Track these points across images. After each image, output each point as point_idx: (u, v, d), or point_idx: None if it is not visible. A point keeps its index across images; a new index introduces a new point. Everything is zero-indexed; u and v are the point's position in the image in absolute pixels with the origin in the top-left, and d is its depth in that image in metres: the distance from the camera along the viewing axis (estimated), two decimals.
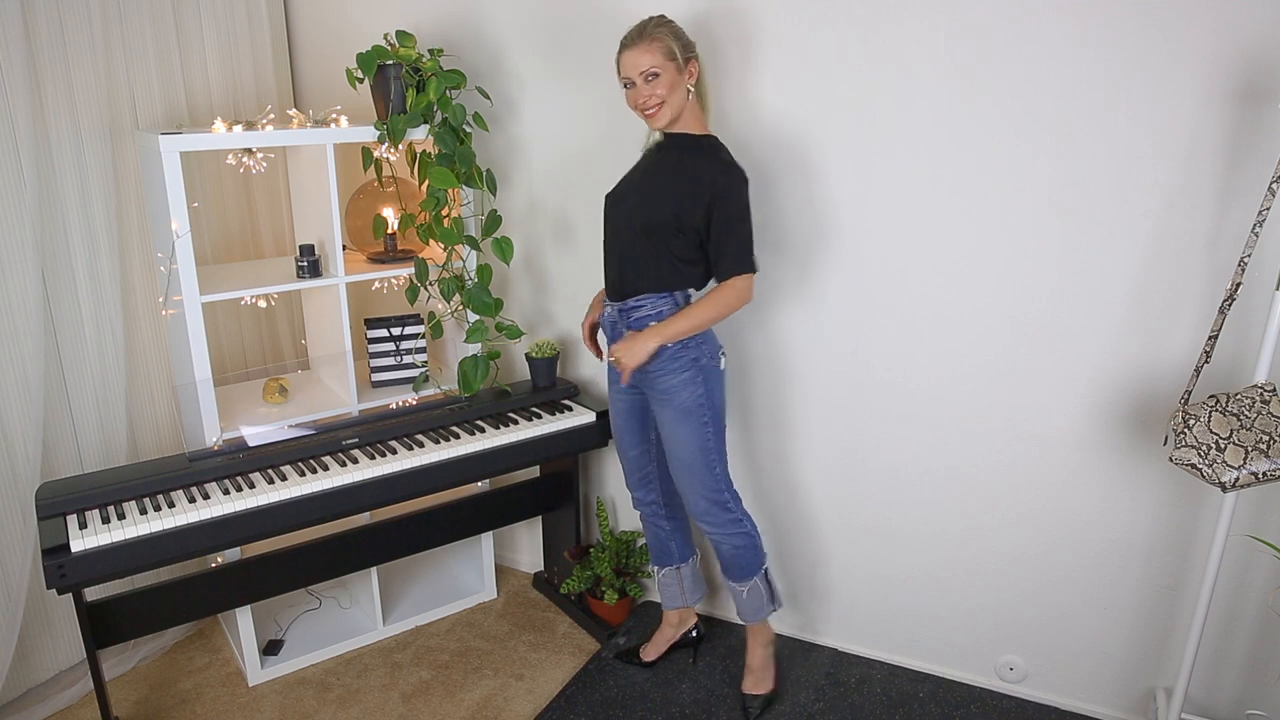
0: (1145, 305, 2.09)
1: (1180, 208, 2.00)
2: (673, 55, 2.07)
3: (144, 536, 2.08)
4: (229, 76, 2.81)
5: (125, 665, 2.63)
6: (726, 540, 2.34)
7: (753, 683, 2.49)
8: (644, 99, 2.09)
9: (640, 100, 2.10)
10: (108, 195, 2.50)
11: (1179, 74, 1.93)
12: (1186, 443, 1.84)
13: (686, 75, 2.10)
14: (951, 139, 2.18)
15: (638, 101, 2.11)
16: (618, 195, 2.25)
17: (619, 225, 2.22)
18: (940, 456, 2.42)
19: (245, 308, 2.93)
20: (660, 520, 2.53)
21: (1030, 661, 2.47)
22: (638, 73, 2.08)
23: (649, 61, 2.07)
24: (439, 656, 2.72)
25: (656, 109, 2.10)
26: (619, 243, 2.22)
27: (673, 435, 2.26)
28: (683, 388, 2.21)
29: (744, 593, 2.39)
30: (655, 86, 2.08)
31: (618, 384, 2.37)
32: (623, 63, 2.11)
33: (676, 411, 2.23)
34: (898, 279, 2.34)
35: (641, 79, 2.08)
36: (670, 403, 2.22)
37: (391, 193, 2.79)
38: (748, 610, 2.44)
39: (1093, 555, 2.31)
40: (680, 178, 2.13)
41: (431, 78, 2.46)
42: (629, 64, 2.09)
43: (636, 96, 2.11)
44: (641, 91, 2.09)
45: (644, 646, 2.68)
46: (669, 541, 2.55)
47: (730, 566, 2.38)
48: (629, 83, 2.11)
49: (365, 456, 2.42)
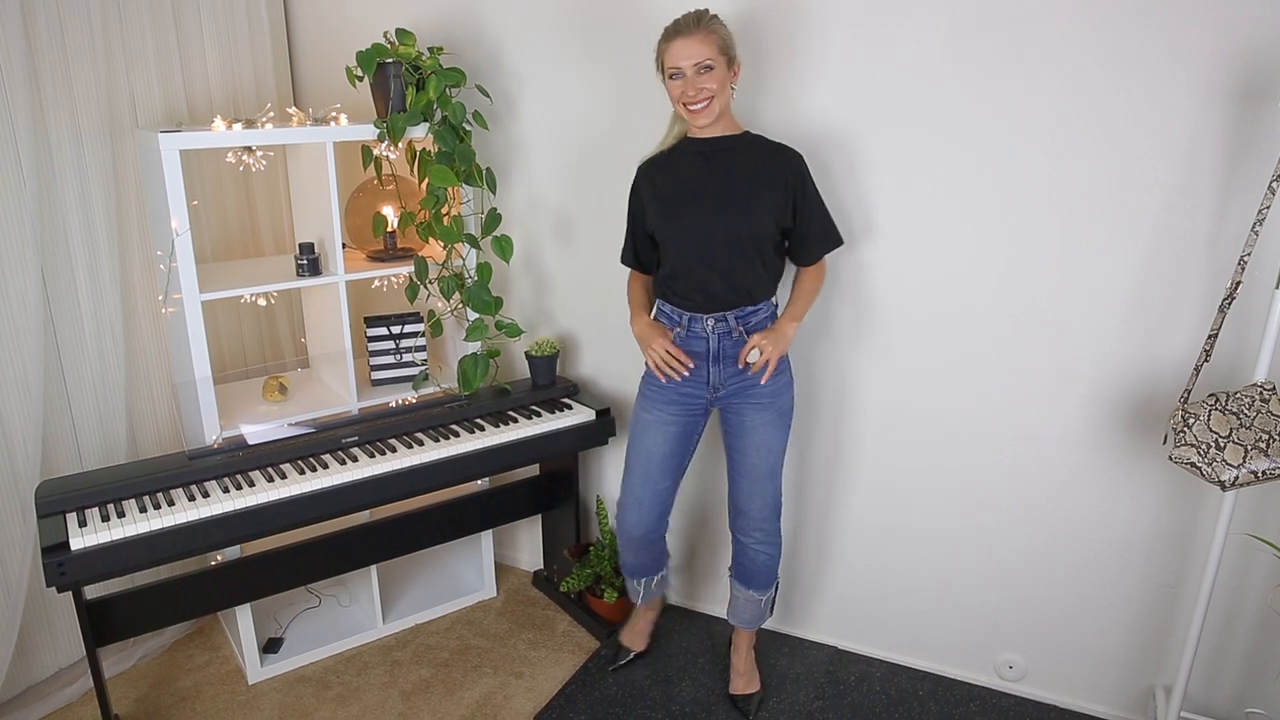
0: (1145, 304, 2.09)
1: (1180, 207, 2.00)
2: (725, 50, 2.01)
3: (144, 534, 2.08)
4: (229, 75, 2.81)
5: (125, 663, 2.63)
6: (765, 550, 2.32)
7: (744, 684, 2.50)
8: (695, 91, 2.00)
9: (690, 92, 2.00)
10: (107, 194, 2.49)
11: (1179, 74, 1.93)
12: (1186, 441, 1.84)
13: (732, 74, 2.05)
14: (951, 140, 2.18)
15: (686, 94, 2.01)
16: (684, 208, 2.11)
17: (706, 238, 2.09)
18: (940, 455, 2.42)
19: (245, 306, 2.93)
20: (651, 544, 2.42)
21: (1030, 660, 2.47)
22: (691, 63, 1.97)
23: (704, 52, 1.97)
24: (438, 654, 2.72)
25: (706, 104, 2.01)
26: (712, 256, 2.09)
27: (765, 441, 2.20)
28: (786, 389, 2.21)
29: (761, 601, 2.39)
30: (708, 79, 1.99)
31: (671, 407, 2.23)
32: (673, 51, 1.99)
33: (777, 414, 2.20)
34: (898, 279, 2.34)
35: (694, 70, 1.98)
36: (773, 405, 2.19)
37: (391, 191, 2.79)
38: (753, 617, 2.43)
39: (1092, 554, 2.31)
40: (760, 183, 2.08)
41: (431, 76, 2.45)
42: (681, 53, 1.98)
43: (686, 88, 2.00)
44: (693, 83, 1.99)
45: (627, 637, 2.65)
46: (656, 559, 2.49)
47: (758, 576, 2.35)
48: (677, 73, 2.00)
49: (365, 455, 2.42)
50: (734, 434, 2.25)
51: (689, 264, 2.13)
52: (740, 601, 2.41)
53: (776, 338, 2.12)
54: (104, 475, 2.23)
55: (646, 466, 2.28)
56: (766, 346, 2.10)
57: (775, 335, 2.12)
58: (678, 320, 2.19)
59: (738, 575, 2.39)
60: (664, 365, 2.18)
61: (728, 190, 2.09)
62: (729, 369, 2.19)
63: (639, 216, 2.25)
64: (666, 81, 2.06)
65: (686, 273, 2.14)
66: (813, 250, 2.18)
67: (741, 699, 2.47)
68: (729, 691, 2.51)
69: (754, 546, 2.31)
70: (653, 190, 2.18)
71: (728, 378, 2.19)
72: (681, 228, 2.12)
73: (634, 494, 2.32)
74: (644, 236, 2.26)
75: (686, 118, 2.07)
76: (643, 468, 2.29)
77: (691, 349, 2.20)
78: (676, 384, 2.22)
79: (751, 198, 2.08)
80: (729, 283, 2.12)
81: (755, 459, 2.22)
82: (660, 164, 2.19)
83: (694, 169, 2.12)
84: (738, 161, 2.10)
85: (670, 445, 2.27)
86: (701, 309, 2.16)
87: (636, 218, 2.27)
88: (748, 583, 2.37)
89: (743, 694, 2.48)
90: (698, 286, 2.14)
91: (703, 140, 2.12)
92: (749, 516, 2.28)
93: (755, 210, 2.08)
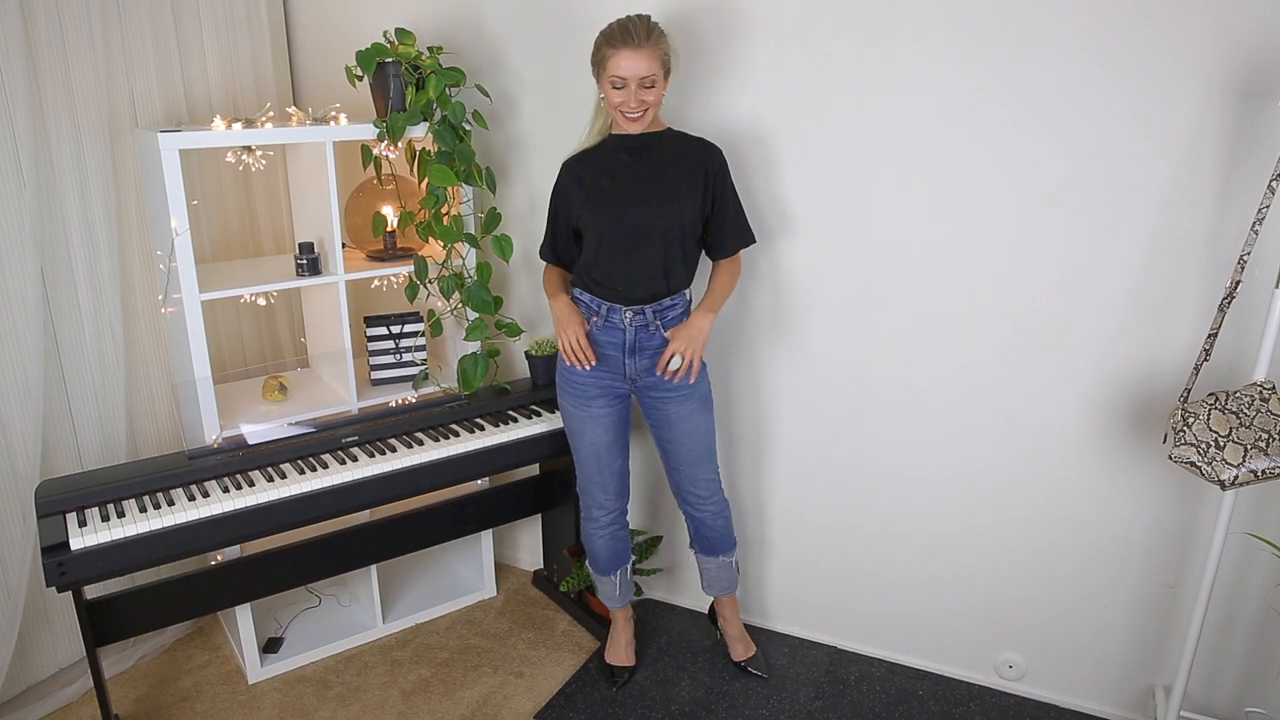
0: (1145, 303, 2.09)
1: (1180, 205, 2.00)
2: (666, 64, 2.09)
3: (143, 534, 2.08)
4: (228, 75, 2.81)
5: (125, 663, 2.63)
6: (721, 515, 2.44)
7: (743, 648, 2.62)
8: (635, 104, 2.08)
9: (631, 104, 2.08)
10: (107, 194, 2.49)
11: (1179, 72, 1.93)
12: (1186, 440, 1.84)
13: (666, 84, 2.13)
14: (951, 137, 2.18)
15: (627, 104, 2.08)
16: (613, 199, 2.17)
17: (632, 230, 2.16)
18: (939, 454, 2.42)
19: (245, 305, 2.93)
20: (623, 528, 2.51)
21: (1029, 659, 2.47)
22: (637, 77, 2.05)
23: (649, 68, 2.05)
24: (438, 654, 2.73)
25: (643, 114, 2.11)
26: (639, 248, 2.17)
27: (695, 426, 2.31)
28: (703, 375, 2.30)
29: (731, 563, 2.52)
30: (649, 94, 2.08)
31: (598, 401, 2.30)
32: (620, 62, 2.04)
33: (699, 401, 2.30)
34: (896, 277, 2.34)
35: (637, 84, 2.06)
36: (694, 393, 2.28)
37: (391, 190, 2.79)
38: (728, 581, 2.54)
39: (1092, 553, 2.31)
40: (682, 175, 2.17)
41: (431, 75, 2.45)
42: (629, 65, 2.03)
43: (626, 98, 2.07)
44: (636, 95, 2.07)
45: (614, 656, 2.61)
46: (625, 544, 2.54)
47: (722, 540, 2.47)
48: (621, 83, 2.06)
49: (365, 454, 2.42)
50: (661, 426, 2.34)
51: (614, 254, 2.19)
52: (713, 570, 2.52)
53: (692, 337, 2.18)
54: (104, 475, 2.23)
55: (597, 457, 2.37)
56: (685, 350, 2.17)
57: (690, 334, 2.19)
58: (596, 309, 2.25)
59: (702, 548, 2.50)
60: (574, 350, 2.23)
61: (655, 182, 2.17)
62: (644, 361, 2.26)
63: (562, 211, 2.30)
64: (604, 84, 2.10)
65: (610, 261, 2.20)
66: (728, 243, 2.27)
67: (748, 662, 2.59)
68: (732, 660, 2.62)
69: (709, 519, 2.43)
70: (579, 185, 2.23)
71: (642, 371, 2.28)
72: (612, 218, 2.18)
73: (595, 480, 2.40)
74: (565, 231, 2.31)
75: (619, 121, 2.14)
76: (594, 459, 2.37)
77: (608, 339, 2.26)
78: (594, 376, 2.28)
79: (677, 188, 2.17)
80: (650, 272, 2.19)
81: (689, 445, 2.33)
82: (586, 161, 2.24)
83: (621, 164, 2.19)
84: (662, 155, 2.19)
85: (611, 432, 2.35)
86: (621, 299, 2.22)
87: (559, 212, 2.31)
88: (714, 550, 2.48)
89: (746, 658, 2.60)
90: (620, 275, 2.20)
91: (629, 137, 2.19)
92: (696, 495, 2.40)
93: (681, 200, 2.17)
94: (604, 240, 2.19)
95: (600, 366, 2.27)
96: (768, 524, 2.74)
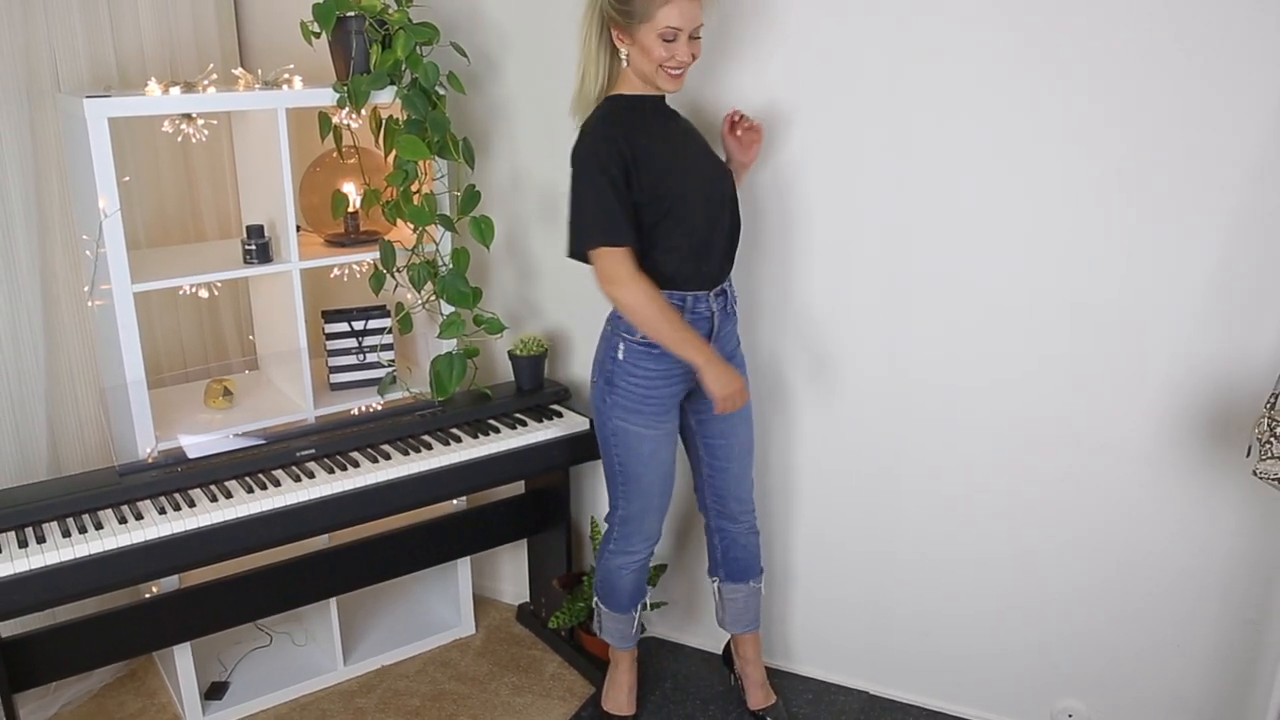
0: (1228, 293, 2.09)
1: (1269, 180, 2.00)
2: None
3: (67, 563, 2.07)
4: (165, 31, 2.80)
5: (46, 711, 2.62)
6: (754, 530, 2.51)
7: (763, 695, 2.59)
8: (684, 58, 2.07)
9: (681, 57, 2.06)
10: (24, 168, 2.49)
11: (1267, 26, 1.92)
12: (1273, 454, 1.84)
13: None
14: (1003, 102, 2.18)
15: (677, 58, 2.06)
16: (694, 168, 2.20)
17: (718, 198, 2.22)
18: (989, 470, 2.42)
19: (184, 298, 2.92)
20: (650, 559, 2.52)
21: (1092, 707, 2.47)
22: (692, 26, 2.05)
23: (700, 17, 2.07)
24: (408, 701, 2.72)
25: (684, 71, 2.10)
26: (719, 220, 2.23)
27: (746, 432, 2.41)
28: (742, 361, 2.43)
29: (761, 590, 2.54)
30: (697, 47, 2.10)
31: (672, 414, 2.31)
32: (673, 11, 2.00)
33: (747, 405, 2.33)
34: (942, 266, 2.34)
35: (690, 34, 2.06)
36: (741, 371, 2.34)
37: (353, 165, 2.78)
38: (755, 612, 2.55)
39: (1164, 584, 2.31)
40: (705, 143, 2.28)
41: (399, 32, 2.45)
42: (687, 14, 2.02)
43: (677, 52, 2.06)
44: (686, 48, 2.06)
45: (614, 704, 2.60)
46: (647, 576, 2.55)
47: (753, 561, 2.51)
48: (672, 35, 2.03)
49: (323, 470, 2.42)
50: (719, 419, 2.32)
51: (698, 229, 2.19)
52: (739, 600, 2.52)
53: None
54: (21, 494, 2.23)
55: (665, 480, 2.37)
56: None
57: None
58: (680, 304, 2.23)
59: (729, 573, 2.51)
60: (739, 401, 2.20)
61: (704, 147, 2.25)
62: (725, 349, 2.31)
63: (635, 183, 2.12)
64: (645, 37, 2.04)
65: (699, 241, 2.19)
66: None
67: (768, 711, 2.57)
68: (749, 709, 2.59)
69: (743, 534, 2.48)
70: (647, 152, 2.12)
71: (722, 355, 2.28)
72: (700, 184, 2.19)
73: (655, 508, 2.39)
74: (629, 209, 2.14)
75: (660, 82, 2.12)
76: (663, 483, 2.37)
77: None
78: (682, 384, 2.27)
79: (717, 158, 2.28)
80: (727, 248, 2.27)
81: (743, 432, 2.39)
82: (633, 124, 2.14)
83: (665, 130, 2.21)
84: (684, 121, 2.27)
85: (675, 447, 2.39)
86: (707, 283, 2.23)
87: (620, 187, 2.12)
88: (743, 575, 2.50)
89: (765, 706, 2.57)
90: (707, 254, 2.22)
91: (652, 99, 2.20)
92: (740, 500, 2.45)
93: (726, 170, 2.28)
94: (689, 214, 2.16)
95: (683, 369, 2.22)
96: (791, 551, 2.74)
